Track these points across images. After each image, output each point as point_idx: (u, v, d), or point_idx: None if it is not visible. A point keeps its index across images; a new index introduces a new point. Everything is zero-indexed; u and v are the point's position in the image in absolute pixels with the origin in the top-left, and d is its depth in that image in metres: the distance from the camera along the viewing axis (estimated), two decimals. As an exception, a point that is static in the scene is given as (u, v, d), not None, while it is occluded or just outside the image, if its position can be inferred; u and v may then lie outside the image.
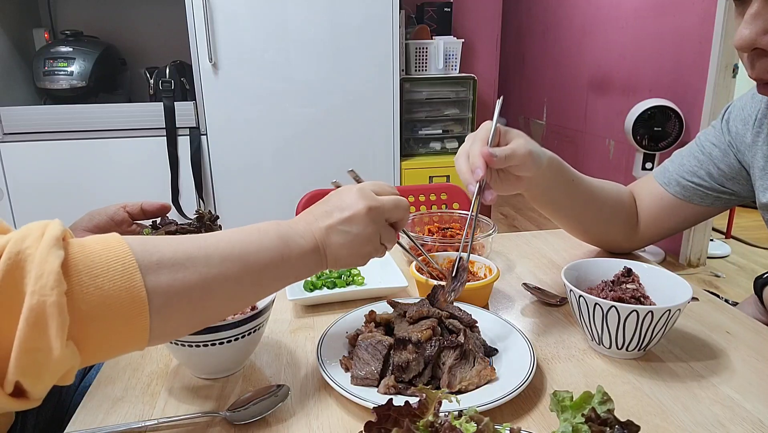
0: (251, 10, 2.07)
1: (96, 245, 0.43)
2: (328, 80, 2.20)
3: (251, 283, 0.53)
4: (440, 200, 1.50)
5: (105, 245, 0.43)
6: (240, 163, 2.22)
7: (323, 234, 0.59)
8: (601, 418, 0.41)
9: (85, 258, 0.41)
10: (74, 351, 0.40)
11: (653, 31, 3.19)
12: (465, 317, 0.69)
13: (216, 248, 0.50)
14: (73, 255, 0.41)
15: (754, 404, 0.60)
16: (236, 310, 0.57)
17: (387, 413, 0.43)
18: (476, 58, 2.96)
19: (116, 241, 0.44)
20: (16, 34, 2.21)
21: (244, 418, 0.57)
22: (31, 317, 0.37)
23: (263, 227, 0.56)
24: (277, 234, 0.55)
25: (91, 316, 0.40)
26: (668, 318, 0.64)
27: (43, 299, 0.37)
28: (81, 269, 0.40)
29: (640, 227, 0.97)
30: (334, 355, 0.65)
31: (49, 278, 0.38)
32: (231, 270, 0.50)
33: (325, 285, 0.87)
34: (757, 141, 0.85)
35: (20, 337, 0.37)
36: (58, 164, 2.09)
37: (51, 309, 0.37)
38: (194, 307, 0.48)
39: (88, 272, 0.41)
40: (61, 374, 0.40)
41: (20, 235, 0.40)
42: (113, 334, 0.42)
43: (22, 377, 0.38)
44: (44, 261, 0.38)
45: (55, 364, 0.39)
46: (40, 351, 0.38)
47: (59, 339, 0.38)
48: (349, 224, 0.59)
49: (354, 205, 0.60)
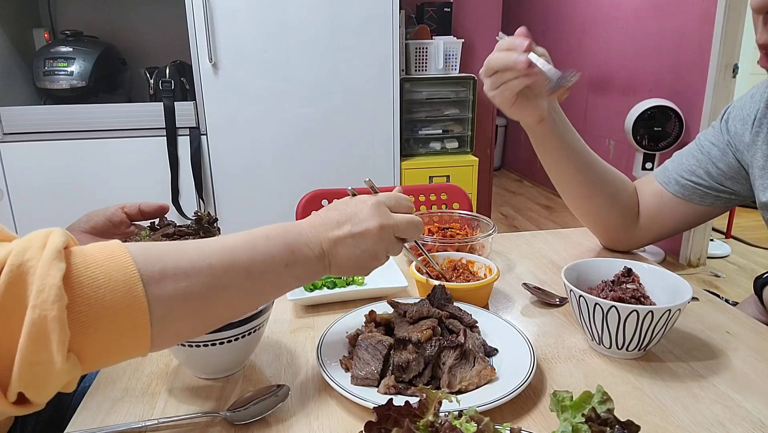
0: (251, 10, 2.07)
1: (98, 255, 0.43)
2: (328, 80, 2.20)
3: (255, 292, 0.53)
4: (440, 200, 1.50)
5: (107, 255, 0.43)
6: (240, 163, 2.22)
7: (331, 244, 0.58)
8: (601, 418, 0.41)
9: (86, 269, 0.41)
10: (75, 363, 0.40)
11: (653, 31, 3.19)
12: (465, 317, 0.69)
13: (221, 257, 0.49)
14: (75, 266, 0.41)
15: (754, 404, 0.60)
16: (238, 316, 0.58)
17: (387, 413, 0.43)
18: (476, 58, 2.96)
19: (119, 250, 0.44)
20: (16, 34, 2.21)
21: (244, 418, 0.57)
22: (33, 332, 0.38)
23: (272, 234, 0.55)
24: (284, 243, 0.55)
25: (92, 327, 0.40)
26: (668, 318, 0.64)
27: (44, 314, 0.38)
28: (83, 281, 0.40)
29: (640, 224, 0.97)
30: (334, 355, 0.65)
31: (51, 292, 0.38)
32: (235, 279, 0.50)
33: (325, 285, 0.87)
34: (757, 141, 0.85)
35: (22, 351, 0.38)
36: (58, 164, 2.08)
37: (52, 324, 0.38)
38: (196, 315, 0.48)
39: (90, 283, 0.41)
40: (63, 384, 0.41)
41: (22, 246, 0.40)
42: (114, 344, 0.43)
43: (25, 388, 0.39)
44: (46, 274, 0.38)
45: (57, 376, 0.39)
46: (41, 364, 0.38)
47: (60, 353, 0.38)
48: (359, 239, 0.59)
49: (367, 221, 0.59)
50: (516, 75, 0.75)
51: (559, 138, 0.88)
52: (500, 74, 0.77)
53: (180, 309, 0.46)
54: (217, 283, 0.48)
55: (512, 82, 0.76)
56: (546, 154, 0.90)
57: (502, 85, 0.77)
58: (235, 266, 0.50)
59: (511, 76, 0.76)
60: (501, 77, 0.77)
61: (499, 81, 0.77)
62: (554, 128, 0.86)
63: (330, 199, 1.46)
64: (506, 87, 0.77)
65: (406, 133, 2.54)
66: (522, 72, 0.74)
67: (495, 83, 0.78)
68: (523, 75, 0.75)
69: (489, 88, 0.80)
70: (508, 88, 0.77)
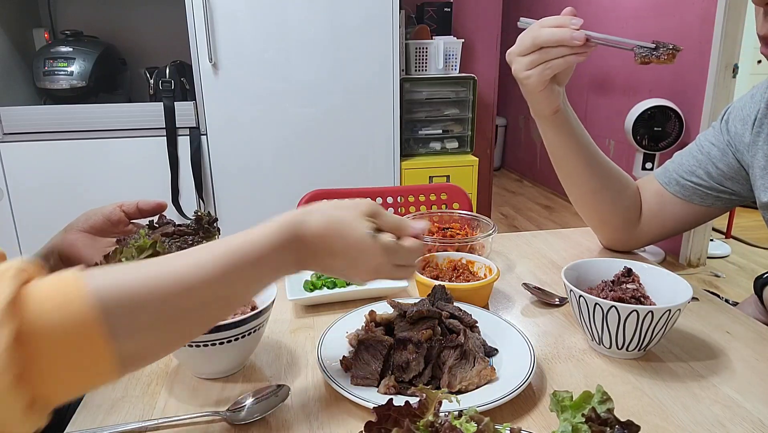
0: (251, 10, 2.07)
1: (53, 300, 0.39)
2: (328, 80, 2.20)
3: (219, 308, 0.50)
4: (440, 200, 1.50)
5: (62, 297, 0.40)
6: (240, 163, 2.22)
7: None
8: (601, 418, 0.41)
9: (41, 319, 0.38)
10: (40, 415, 0.40)
11: (653, 31, 3.19)
12: (465, 317, 0.69)
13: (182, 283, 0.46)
14: (28, 320, 0.38)
15: (754, 404, 0.60)
16: (209, 328, 0.57)
17: (387, 413, 0.43)
18: (476, 58, 2.96)
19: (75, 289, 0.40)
20: (16, 34, 2.21)
21: (244, 418, 0.57)
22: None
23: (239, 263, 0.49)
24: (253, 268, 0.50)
25: (53, 378, 0.39)
26: (668, 318, 0.64)
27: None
28: (39, 335, 0.38)
29: (641, 224, 0.97)
30: (334, 355, 0.65)
31: (1, 357, 0.36)
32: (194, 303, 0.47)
33: (325, 285, 0.87)
34: (757, 141, 0.85)
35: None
36: (58, 164, 2.08)
37: (7, 393, 0.36)
38: (161, 343, 0.47)
39: (46, 334, 0.38)
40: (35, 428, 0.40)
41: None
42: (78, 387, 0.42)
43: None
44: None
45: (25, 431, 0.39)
46: (5, 426, 0.38)
47: (21, 416, 0.37)
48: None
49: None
50: (570, 51, 0.73)
51: (570, 130, 0.87)
52: (548, 50, 0.74)
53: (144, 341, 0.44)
54: (184, 308, 0.46)
55: (556, 61, 0.75)
56: (557, 147, 0.90)
57: (545, 63, 0.75)
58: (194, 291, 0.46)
59: (563, 53, 0.74)
60: (548, 53, 0.74)
61: (544, 58, 0.75)
62: (567, 120, 0.86)
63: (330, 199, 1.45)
64: (549, 65, 0.75)
65: (406, 133, 2.54)
66: (576, 49, 0.73)
67: (537, 60, 0.75)
68: (576, 52, 0.73)
69: (526, 67, 0.77)
70: (550, 66, 0.75)
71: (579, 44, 0.72)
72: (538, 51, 0.75)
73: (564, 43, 0.73)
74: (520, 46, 0.77)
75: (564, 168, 0.93)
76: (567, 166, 0.92)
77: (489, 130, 3.10)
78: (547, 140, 0.90)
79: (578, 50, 0.73)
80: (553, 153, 0.92)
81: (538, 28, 0.75)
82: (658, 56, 0.71)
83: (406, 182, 2.45)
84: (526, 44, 0.76)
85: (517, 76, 0.79)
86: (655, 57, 0.72)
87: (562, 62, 0.75)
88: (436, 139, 2.64)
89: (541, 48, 0.75)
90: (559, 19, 0.74)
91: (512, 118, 5.23)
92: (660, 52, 0.71)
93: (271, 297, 0.66)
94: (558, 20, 0.74)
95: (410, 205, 1.50)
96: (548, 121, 0.87)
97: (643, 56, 0.72)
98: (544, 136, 0.90)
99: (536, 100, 0.83)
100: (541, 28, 0.75)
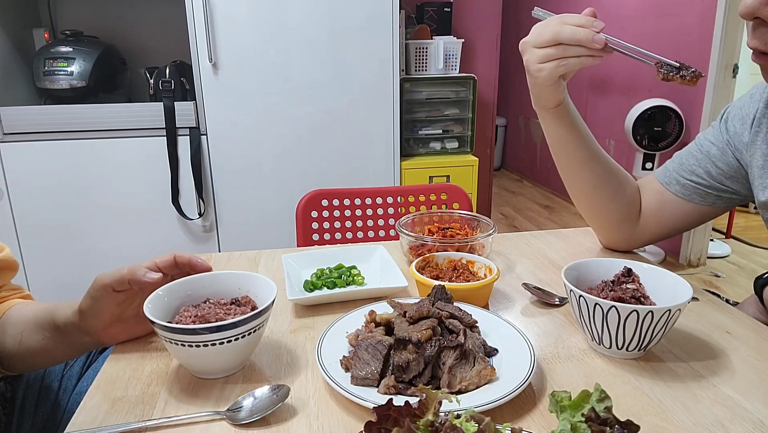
0: (251, 10, 2.07)
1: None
2: (328, 80, 2.20)
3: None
4: (440, 200, 1.50)
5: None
6: (240, 164, 2.22)
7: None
8: (600, 417, 0.41)
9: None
10: None
11: (653, 31, 3.19)
12: (465, 317, 0.69)
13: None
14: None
15: (754, 404, 0.60)
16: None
17: (387, 413, 0.43)
18: (476, 58, 2.96)
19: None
20: (16, 34, 2.21)
21: (244, 418, 0.57)
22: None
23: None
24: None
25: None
26: (668, 318, 0.64)
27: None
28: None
29: (641, 223, 0.97)
30: (334, 355, 0.65)
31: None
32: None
33: (325, 285, 0.87)
34: (756, 140, 0.85)
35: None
36: (58, 164, 2.08)
37: None
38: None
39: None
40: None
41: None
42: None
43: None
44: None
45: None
46: None
47: None
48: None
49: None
50: (588, 53, 0.73)
51: (571, 124, 0.88)
52: (566, 48, 0.74)
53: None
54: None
55: (572, 60, 0.74)
56: (557, 140, 0.90)
57: (559, 59, 0.75)
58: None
59: (580, 53, 0.74)
60: (566, 51, 0.74)
61: (561, 54, 0.75)
62: (568, 113, 0.87)
63: (330, 200, 1.46)
64: (564, 63, 0.75)
65: (406, 133, 2.55)
66: (593, 51, 0.73)
67: (553, 56, 0.75)
68: (593, 54, 0.73)
69: (539, 60, 0.76)
70: (565, 63, 0.75)
71: (598, 47, 0.72)
72: (555, 46, 0.75)
73: (583, 44, 0.73)
74: (538, 38, 0.76)
75: (564, 161, 0.93)
76: (567, 159, 0.92)
77: (489, 130, 3.10)
78: (548, 133, 0.90)
79: (595, 53, 0.73)
80: (553, 146, 0.92)
81: (559, 23, 0.74)
82: (683, 76, 0.71)
83: (406, 182, 2.45)
84: (545, 37, 0.75)
85: (528, 68, 0.78)
86: (679, 77, 0.71)
87: (577, 62, 0.75)
88: (436, 139, 2.64)
89: (559, 44, 0.74)
90: (582, 18, 0.74)
91: (512, 118, 5.23)
92: (685, 73, 0.71)
93: (271, 297, 0.66)
94: (581, 20, 0.73)
95: (410, 205, 1.50)
96: (550, 113, 0.87)
97: (667, 74, 0.72)
98: (545, 129, 0.90)
99: (541, 93, 0.83)
100: (563, 24, 0.74)
